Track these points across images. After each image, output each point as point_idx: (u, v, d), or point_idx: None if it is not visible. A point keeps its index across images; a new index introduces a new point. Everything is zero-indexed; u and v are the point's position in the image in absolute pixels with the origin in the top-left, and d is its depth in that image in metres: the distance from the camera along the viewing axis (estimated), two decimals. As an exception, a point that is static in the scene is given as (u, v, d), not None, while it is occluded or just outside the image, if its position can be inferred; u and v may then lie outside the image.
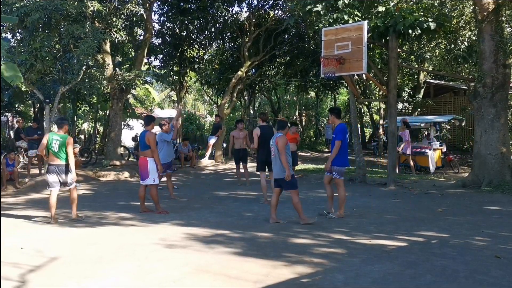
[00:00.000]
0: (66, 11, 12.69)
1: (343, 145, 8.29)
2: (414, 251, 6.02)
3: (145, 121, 9.41)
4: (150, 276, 5.04)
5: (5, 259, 5.70)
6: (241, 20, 22.44)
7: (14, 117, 26.12)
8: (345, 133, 8.37)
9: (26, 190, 12.50)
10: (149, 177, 8.88)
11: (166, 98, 40.17)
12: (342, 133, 8.30)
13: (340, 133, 8.30)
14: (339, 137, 8.27)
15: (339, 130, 8.35)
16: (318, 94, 30.49)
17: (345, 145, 8.34)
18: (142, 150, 9.01)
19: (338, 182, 8.44)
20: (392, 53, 12.80)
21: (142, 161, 8.97)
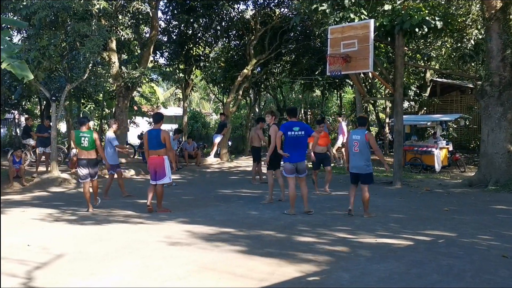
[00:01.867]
0: (72, 9, 12.70)
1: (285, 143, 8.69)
2: (420, 250, 5.99)
3: (156, 118, 9.08)
4: (155, 273, 5.04)
5: (12, 256, 5.72)
6: (246, 18, 22.39)
7: (20, 115, 26.24)
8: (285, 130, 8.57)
9: (33, 187, 12.55)
10: (166, 176, 8.75)
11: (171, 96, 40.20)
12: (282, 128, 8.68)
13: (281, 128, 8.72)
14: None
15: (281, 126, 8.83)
16: (324, 92, 30.37)
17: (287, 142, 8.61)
18: (156, 149, 8.68)
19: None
20: (398, 51, 12.75)
21: (158, 160, 8.68)
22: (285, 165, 8.64)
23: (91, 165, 9.20)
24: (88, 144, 9.11)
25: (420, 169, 15.96)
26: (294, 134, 8.48)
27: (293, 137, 8.50)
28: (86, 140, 9.08)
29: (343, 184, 13.31)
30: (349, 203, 8.57)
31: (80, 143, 9.07)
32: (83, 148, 9.11)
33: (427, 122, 18.92)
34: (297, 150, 8.57)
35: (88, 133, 9.18)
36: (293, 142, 8.52)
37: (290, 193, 8.63)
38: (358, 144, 8.21)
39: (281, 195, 10.18)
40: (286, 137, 8.55)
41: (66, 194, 11.76)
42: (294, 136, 8.49)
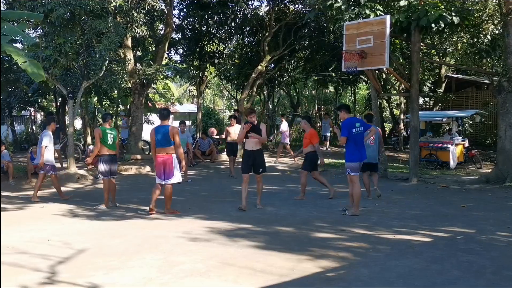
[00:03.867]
0: (89, 6, 12.81)
1: (349, 140, 8.17)
2: (439, 246, 5.99)
3: (163, 114, 8.55)
4: (176, 268, 5.10)
5: (34, 250, 5.82)
6: (261, 14, 22.39)
7: (36, 112, 26.52)
8: (350, 128, 8.16)
9: (51, 183, 12.67)
10: (175, 175, 8.26)
11: (185, 93, 40.31)
12: (345, 128, 8.20)
13: (344, 129, 8.22)
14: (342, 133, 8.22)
15: (343, 126, 8.32)
16: (338, 88, 30.28)
17: (352, 140, 8.17)
18: (164, 146, 8.20)
19: (350, 178, 8.29)
20: (414, 47, 12.68)
21: (166, 159, 8.20)
22: (351, 164, 8.22)
23: (113, 162, 9.28)
24: (113, 142, 9.26)
25: (435, 166, 15.87)
26: (357, 130, 8.20)
27: (357, 134, 8.20)
28: (112, 137, 9.20)
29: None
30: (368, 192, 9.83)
31: (106, 140, 9.11)
32: (108, 145, 9.16)
33: (443, 118, 18.80)
34: (363, 147, 8.35)
35: (112, 130, 9.36)
36: (358, 139, 8.24)
37: (356, 192, 8.19)
38: (375, 137, 9.64)
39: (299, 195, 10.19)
40: (351, 135, 8.12)
41: (84, 190, 11.89)
42: (358, 132, 8.21)
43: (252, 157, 8.57)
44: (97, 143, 9.24)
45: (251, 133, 8.40)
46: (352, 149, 8.21)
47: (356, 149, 8.20)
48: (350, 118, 8.46)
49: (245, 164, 8.65)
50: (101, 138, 9.12)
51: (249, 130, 8.38)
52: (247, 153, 8.62)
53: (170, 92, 29.67)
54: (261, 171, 8.72)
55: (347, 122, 8.27)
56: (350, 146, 8.23)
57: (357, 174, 8.28)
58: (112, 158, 9.26)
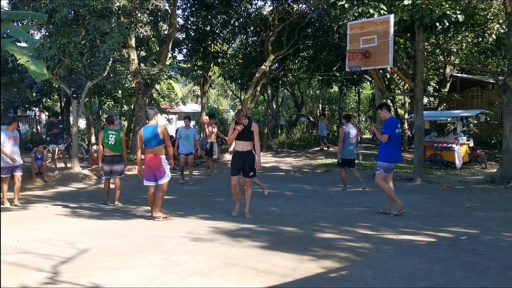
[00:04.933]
0: (92, 6, 12.84)
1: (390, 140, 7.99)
2: (443, 246, 5.95)
3: (149, 114, 8.10)
4: (178, 268, 5.08)
5: (37, 250, 5.82)
6: (264, 14, 22.38)
7: (41, 112, 26.61)
8: (393, 127, 8.02)
9: (55, 183, 12.73)
10: (166, 174, 7.89)
11: (189, 93, 40.37)
12: (389, 127, 8.05)
13: (388, 127, 8.07)
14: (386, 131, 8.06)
15: (386, 124, 8.16)
16: (342, 88, 30.25)
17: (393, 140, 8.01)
18: (153, 146, 7.85)
19: (377, 177, 8.18)
20: (418, 46, 12.63)
21: (155, 160, 7.85)
22: (386, 164, 8.06)
23: (114, 162, 9.40)
24: (115, 142, 9.36)
25: (440, 166, 15.81)
26: (398, 131, 8.08)
27: (398, 135, 8.10)
28: (113, 138, 9.34)
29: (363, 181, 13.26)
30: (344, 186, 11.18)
31: (107, 141, 9.31)
32: (109, 146, 9.34)
33: (447, 118, 18.71)
34: (400, 149, 8.26)
35: (116, 131, 9.49)
36: (398, 141, 8.16)
37: (386, 189, 8.10)
38: (354, 136, 10.85)
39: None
40: (394, 134, 7.99)
41: (87, 190, 11.91)
42: (398, 133, 8.11)
43: (242, 158, 7.90)
44: (99, 146, 9.49)
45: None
46: (391, 149, 8.05)
47: (395, 150, 8.08)
48: (393, 118, 8.33)
49: (235, 166, 8.01)
50: (102, 139, 9.37)
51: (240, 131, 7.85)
52: (237, 154, 7.98)
53: (174, 92, 29.72)
54: (251, 174, 7.97)
55: (391, 121, 8.13)
56: (389, 146, 8.04)
57: (388, 174, 8.13)
58: (113, 159, 9.39)
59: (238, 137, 7.83)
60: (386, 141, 8.02)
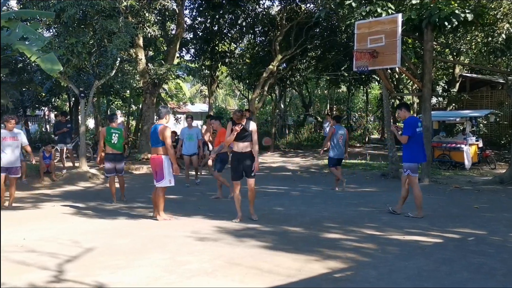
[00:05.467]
0: (100, 6, 12.88)
1: (412, 140, 7.91)
2: (450, 247, 5.90)
3: (160, 112, 7.99)
4: (183, 268, 5.07)
5: (43, 249, 5.84)
6: (272, 14, 22.35)
7: (50, 111, 26.76)
8: (412, 127, 7.93)
9: (62, 182, 12.79)
10: (164, 178, 7.69)
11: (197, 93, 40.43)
12: (408, 127, 7.97)
13: (407, 127, 7.98)
14: (405, 132, 7.98)
15: (405, 124, 8.07)
16: (350, 88, 30.14)
17: (414, 140, 7.91)
18: (155, 146, 7.76)
19: (410, 179, 8.02)
20: (426, 46, 12.54)
21: (156, 160, 7.74)
22: (412, 165, 7.92)
23: (117, 160, 9.55)
24: (118, 141, 9.49)
25: (448, 166, 15.69)
26: (420, 130, 8.00)
27: (420, 134, 8.02)
28: (116, 137, 9.47)
29: (369, 181, 13.22)
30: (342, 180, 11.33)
31: (110, 140, 9.41)
32: (112, 144, 9.45)
33: (456, 118, 18.57)
34: (423, 148, 8.13)
35: (118, 130, 9.60)
36: (420, 140, 8.04)
37: (417, 194, 7.93)
38: (343, 137, 11.13)
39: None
40: (414, 134, 7.89)
41: (95, 189, 11.94)
42: (420, 132, 8.02)
43: (242, 160, 7.58)
44: (100, 142, 9.56)
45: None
46: (415, 149, 7.92)
47: (419, 149, 7.95)
48: (413, 117, 8.21)
49: (235, 169, 7.64)
50: (105, 137, 9.41)
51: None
52: (236, 156, 7.62)
53: (182, 92, 29.77)
54: (253, 174, 7.65)
55: (411, 120, 8.03)
56: (412, 146, 7.92)
57: (416, 175, 7.99)
58: (115, 157, 9.53)
59: (237, 138, 7.47)
60: (406, 141, 7.93)
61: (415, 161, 7.95)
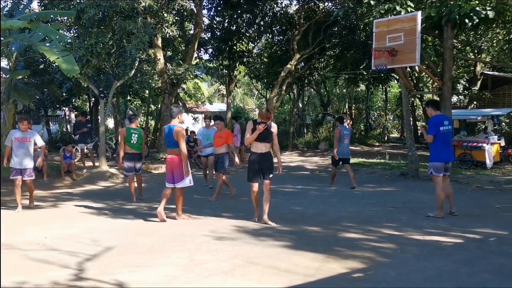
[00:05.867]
0: (119, 7, 13.00)
1: (436, 139, 7.81)
2: (470, 248, 5.82)
3: (172, 112, 7.91)
4: (201, 267, 5.09)
5: (64, 247, 5.92)
6: (290, 13, 22.31)
7: (71, 112, 27.10)
8: (438, 125, 7.82)
9: (83, 181, 12.94)
10: (185, 179, 7.66)
11: (215, 92, 40.57)
12: (432, 126, 7.86)
13: (431, 126, 7.88)
14: (429, 131, 7.89)
15: (430, 123, 7.98)
16: (369, 87, 29.94)
17: (439, 139, 7.80)
18: (171, 147, 7.72)
19: (433, 178, 7.96)
20: (446, 43, 12.40)
21: (175, 161, 7.66)
22: (435, 164, 7.81)
23: (136, 160, 9.74)
24: (137, 141, 9.71)
25: (470, 165, 15.49)
26: (445, 129, 7.82)
27: (445, 132, 7.83)
28: (136, 137, 9.69)
29: (388, 180, 13.12)
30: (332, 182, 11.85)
31: (129, 140, 9.62)
32: (131, 144, 9.66)
33: (477, 117, 18.34)
34: (449, 147, 7.97)
35: (138, 130, 9.83)
36: (446, 138, 7.90)
37: (438, 193, 7.85)
38: (348, 137, 11.56)
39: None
40: (439, 133, 7.78)
41: (114, 188, 12.06)
42: (446, 131, 7.85)
43: (261, 161, 7.36)
44: (121, 142, 9.79)
45: None
46: (439, 148, 7.82)
47: (444, 148, 7.83)
48: (438, 115, 8.04)
49: (253, 170, 7.41)
50: (125, 137, 9.65)
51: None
52: (255, 156, 7.40)
53: (200, 92, 29.89)
54: (271, 176, 7.44)
55: (435, 119, 7.90)
56: (436, 145, 7.84)
57: (440, 174, 7.85)
58: (135, 156, 9.72)
59: (258, 138, 7.24)
60: (431, 141, 7.85)
61: (439, 160, 7.82)
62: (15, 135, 8.86)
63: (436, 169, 7.82)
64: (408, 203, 9.18)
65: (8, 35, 13.55)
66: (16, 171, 8.84)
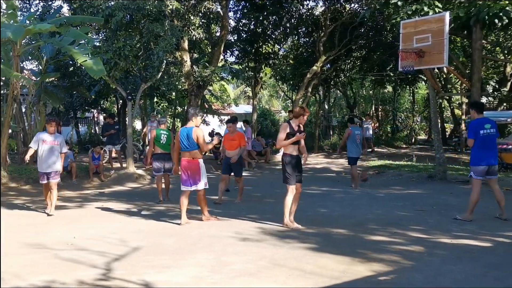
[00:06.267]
0: (146, 10, 13.19)
1: (476, 143, 7.71)
2: (499, 252, 5.73)
3: (191, 114, 7.79)
4: (227, 268, 5.14)
5: (92, 247, 6.04)
6: (316, 14, 22.24)
7: (99, 113, 27.54)
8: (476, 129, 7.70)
9: (111, 182, 13.15)
10: (201, 181, 7.62)
11: (241, 94, 40.70)
12: (471, 130, 7.78)
13: (470, 130, 7.80)
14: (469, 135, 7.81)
15: (469, 127, 7.89)
16: (396, 88, 29.62)
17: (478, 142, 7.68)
18: (189, 150, 7.55)
19: (473, 181, 7.86)
20: (475, 44, 12.20)
21: (193, 163, 7.57)
22: (476, 167, 7.71)
23: (166, 160, 9.96)
24: (166, 142, 9.99)
25: (499, 168, 15.16)
26: (487, 132, 7.66)
27: (486, 136, 7.67)
28: (165, 138, 10.00)
29: (416, 182, 12.97)
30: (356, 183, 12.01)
31: (159, 140, 9.95)
32: (161, 145, 9.97)
33: (507, 119, 17.97)
34: (490, 150, 7.78)
35: (167, 131, 10.21)
36: (487, 142, 7.70)
37: (473, 196, 7.72)
38: (359, 137, 11.95)
39: None
40: (478, 136, 7.68)
41: (141, 190, 12.23)
42: (488, 134, 7.68)
43: (298, 163, 7.39)
44: (151, 143, 10.21)
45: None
46: (479, 152, 7.73)
47: (483, 152, 7.70)
48: (479, 119, 7.90)
49: (294, 173, 7.29)
50: (155, 138, 10.01)
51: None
52: (294, 159, 7.33)
53: (226, 94, 30.03)
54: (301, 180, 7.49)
55: (474, 123, 7.83)
56: (476, 149, 7.75)
57: (481, 178, 7.74)
58: (164, 157, 9.98)
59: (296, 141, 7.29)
60: (472, 145, 7.76)
61: (480, 164, 7.69)
62: (43, 137, 8.64)
63: (477, 173, 7.72)
64: (435, 206, 9.07)
65: (38, 38, 13.90)
66: (43, 176, 8.65)
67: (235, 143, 9.94)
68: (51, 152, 8.63)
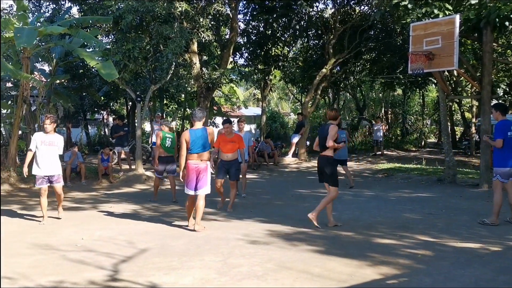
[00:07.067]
0: (156, 12, 13.24)
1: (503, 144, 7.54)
2: (509, 256, 5.67)
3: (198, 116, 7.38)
4: (234, 270, 5.13)
5: (100, 249, 6.06)
6: (326, 17, 22.19)
7: (109, 115, 27.67)
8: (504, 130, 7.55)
9: (120, 184, 13.20)
10: (207, 185, 7.26)
11: (250, 96, 40.70)
12: (500, 131, 7.62)
13: (498, 131, 7.65)
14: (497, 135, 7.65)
15: (497, 128, 7.75)
16: (405, 91, 29.47)
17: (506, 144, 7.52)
18: (201, 152, 7.17)
19: (494, 184, 7.76)
20: (486, 47, 12.11)
21: (201, 166, 7.20)
22: (502, 169, 7.57)
23: (169, 162, 10.24)
24: (171, 145, 10.24)
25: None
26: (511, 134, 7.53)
27: (511, 138, 7.53)
28: (170, 141, 10.23)
29: (425, 186, 12.89)
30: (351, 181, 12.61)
31: (164, 143, 10.14)
32: (165, 147, 10.18)
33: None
34: None
35: (171, 134, 10.41)
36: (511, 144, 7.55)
37: (496, 199, 7.60)
38: (345, 139, 11.68)
39: None
40: (506, 138, 7.51)
41: (150, 191, 12.19)
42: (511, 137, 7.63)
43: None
44: (157, 145, 10.30)
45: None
46: (506, 154, 7.58)
47: (509, 154, 7.58)
48: (505, 120, 7.78)
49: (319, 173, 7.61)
50: (161, 140, 10.17)
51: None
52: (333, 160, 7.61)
53: (235, 96, 30.04)
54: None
55: (502, 124, 7.68)
56: (504, 150, 7.59)
57: (507, 181, 7.58)
58: (168, 159, 10.25)
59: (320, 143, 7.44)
60: (501, 145, 7.56)
61: (506, 166, 7.57)
62: (41, 138, 7.96)
63: (503, 175, 7.58)
64: (445, 209, 9.00)
65: (49, 40, 13.99)
66: (42, 179, 7.96)
67: (234, 146, 9.11)
68: (51, 154, 7.96)
